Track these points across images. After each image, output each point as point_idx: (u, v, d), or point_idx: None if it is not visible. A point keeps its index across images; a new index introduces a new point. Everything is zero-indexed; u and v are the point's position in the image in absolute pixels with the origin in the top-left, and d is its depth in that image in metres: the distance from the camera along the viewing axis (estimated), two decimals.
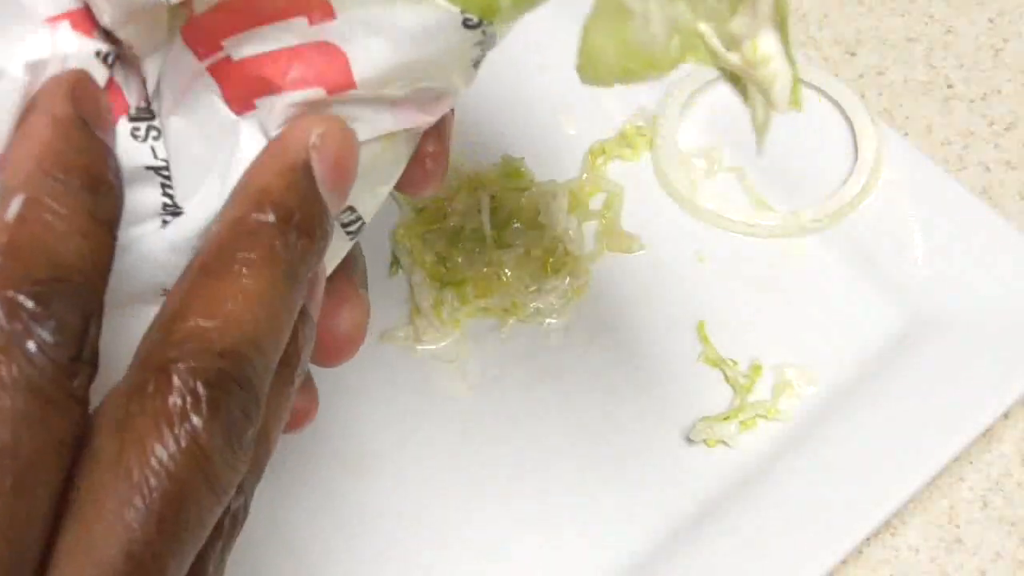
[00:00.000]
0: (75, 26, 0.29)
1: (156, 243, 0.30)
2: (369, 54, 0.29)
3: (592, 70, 0.32)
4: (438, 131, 0.34)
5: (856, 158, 0.54)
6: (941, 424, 0.47)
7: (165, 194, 0.30)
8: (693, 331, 0.51)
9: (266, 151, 0.30)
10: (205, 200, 0.30)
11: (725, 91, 0.57)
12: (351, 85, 0.29)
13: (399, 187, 0.34)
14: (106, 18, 0.29)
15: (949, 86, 0.57)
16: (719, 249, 0.53)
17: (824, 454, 0.47)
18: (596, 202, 0.54)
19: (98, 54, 0.29)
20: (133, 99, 0.30)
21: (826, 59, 0.58)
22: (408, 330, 0.51)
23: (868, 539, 0.46)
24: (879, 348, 0.50)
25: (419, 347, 0.51)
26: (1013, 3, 0.60)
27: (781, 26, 0.33)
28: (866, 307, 0.51)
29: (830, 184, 0.54)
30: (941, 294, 0.50)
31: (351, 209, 0.32)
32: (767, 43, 0.33)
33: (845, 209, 0.53)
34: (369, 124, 0.31)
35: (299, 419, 0.35)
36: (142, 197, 0.30)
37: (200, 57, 0.30)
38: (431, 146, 0.34)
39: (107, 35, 0.30)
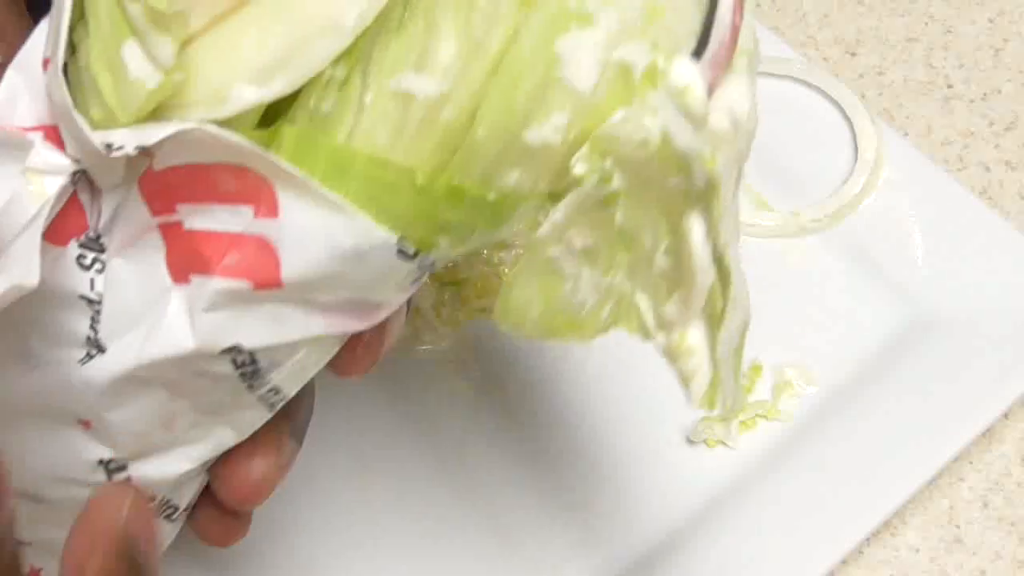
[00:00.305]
0: (47, 138, 0.29)
1: (74, 372, 0.31)
2: (302, 259, 0.29)
3: (512, 319, 0.32)
4: (383, 323, 0.33)
5: (856, 158, 0.54)
6: (941, 424, 0.47)
7: (92, 327, 0.30)
8: None
9: (81, 524, 0.31)
10: (125, 351, 0.30)
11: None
12: (277, 284, 0.29)
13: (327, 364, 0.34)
14: (68, 148, 0.29)
15: (949, 86, 0.57)
16: None
17: (824, 454, 0.47)
18: None
19: (65, 170, 0.29)
20: (92, 222, 0.30)
21: (826, 59, 0.58)
22: (408, 331, 0.51)
23: (868, 539, 0.46)
24: (879, 348, 0.50)
25: (419, 348, 0.51)
26: (1013, 3, 0.60)
27: (714, 324, 0.33)
28: (866, 307, 0.51)
29: (830, 184, 0.54)
30: (941, 294, 0.50)
31: (275, 390, 0.32)
32: (695, 337, 0.33)
33: (845, 209, 0.53)
34: (298, 325, 0.30)
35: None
36: (71, 323, 0.30)
37: (153, 212, 0.30)
38: (368, 333, 0.33)
39: None
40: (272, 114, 0.29)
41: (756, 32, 0.34)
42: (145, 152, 0.28)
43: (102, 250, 0.30)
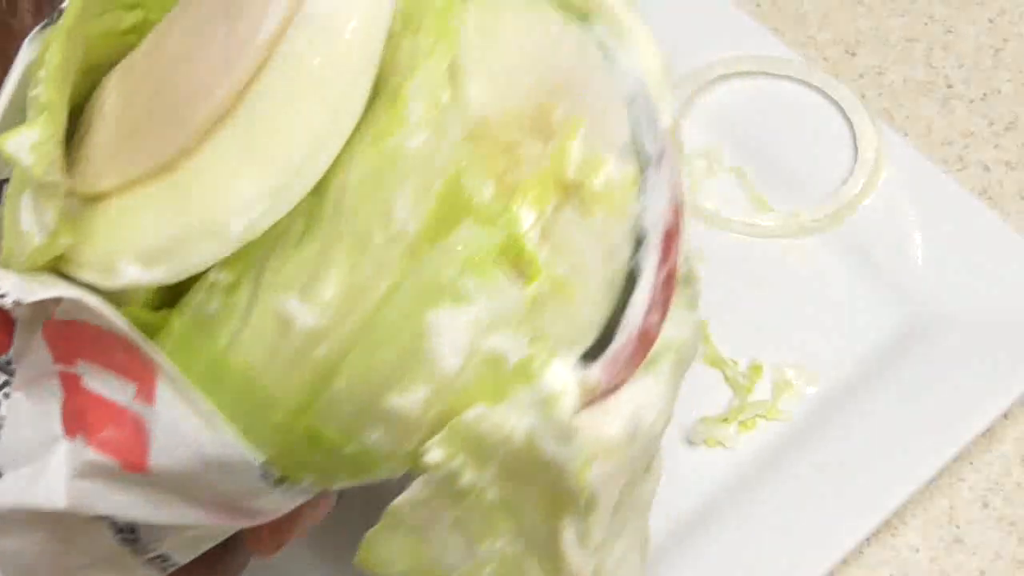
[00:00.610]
0: None
1: None
2: (170, 454, 0.28)
3: (375, 569, 0.31)
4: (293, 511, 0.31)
5: (856, 158, 0.54)
6: (941, 424, 0.47)
7: None
8: None
9: None
10: (12, 486, 0.30)
11: (725, 92, 0.58)
12: (143, 469, 0.29)
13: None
14: None
15: (949, 86, 0.57)
16: (719, 249, 0.53)
17: (824, 454, 0.47)
18: None
19: None
20: (10, 345, 0.30)
21: (826, 59, 0.58)
22: None
23: (868, 539, 0.46)
24: (879, 348, 0.50)
25: None
26: (1013, 3, 0.60)
27: None
28: (866, 307, 0.51)
29: (830, 184, 0.54)
30: (941, 294, 0.50)
31: (163, 557, 0.32)
32: None
33: (845, 209, 0.53)
34: (176, 512, 0.30)
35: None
36: None
37: (55, 359, 0.29)
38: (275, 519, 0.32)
39: None
40: (175, 293, 0.29)
41: (696, 329, 0.32)
42: (49, 301, 0.28)
43: (11, 375, 0.30)
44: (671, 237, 0.30)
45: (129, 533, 0.31)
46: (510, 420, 0.28)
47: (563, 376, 0.28)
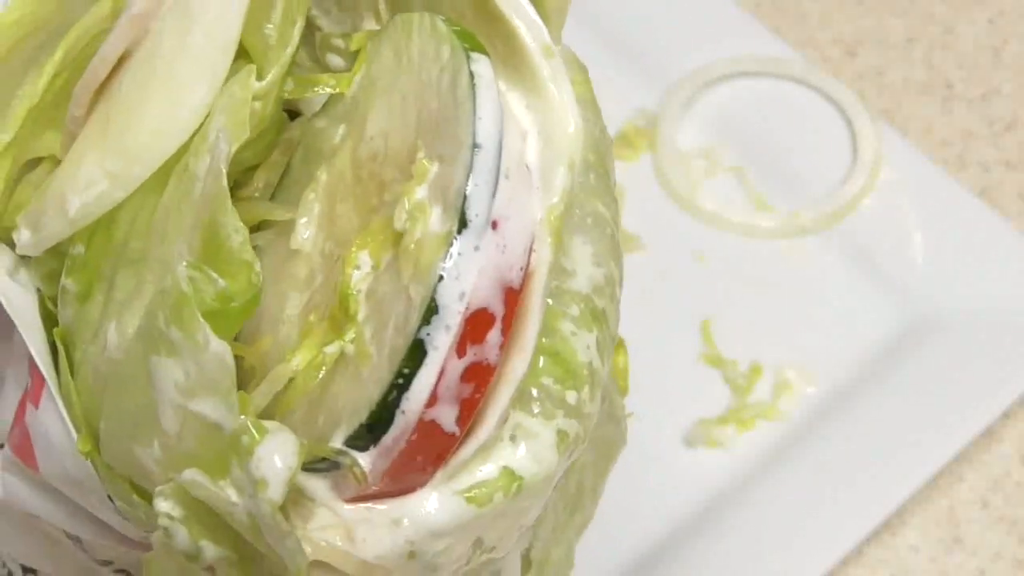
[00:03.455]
0: None
1: None
2: (47, 460, 0.28)
3: None
4: None
5: (856, 158, 0.54)
6: (941, 424, 0.47)
7: None
8: (693, 331, 0.51)
9: None
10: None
11: (725, 92, 0.58)
12: (37, 471, 0.28)
13: None
14: None
15: (949, 86, 0.57)
16: (719, 249, 0.53)
17: (824, 454, 0.47)
18: None
19: None
20: None
21: (826, 59, 0.58)
22: None
23: (868, 539, 0.46)
24: (879, 348, 0.50)
25: None
26: (1013, 3, 0.60)
27: None
28: (866, 307, 0.51)
29: (830, 184, 0.54)
30: (941, 294, 0.50)
31: (125, 572, 0.31)
32: None
33: (844, 209, 0.53)
34: (81, 525, 0.29)
35: None
36: None
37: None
38: None
39: None
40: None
41: (538, 457, 0.27)
42: None
43: None
44: (482, 326, 0.25)
45: (77, 540, 0.30)
46: (231, 496, 0.24)
47: (268, 462, 0.24)
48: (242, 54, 0.28)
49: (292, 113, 0.31)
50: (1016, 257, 0.50)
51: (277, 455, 0.24)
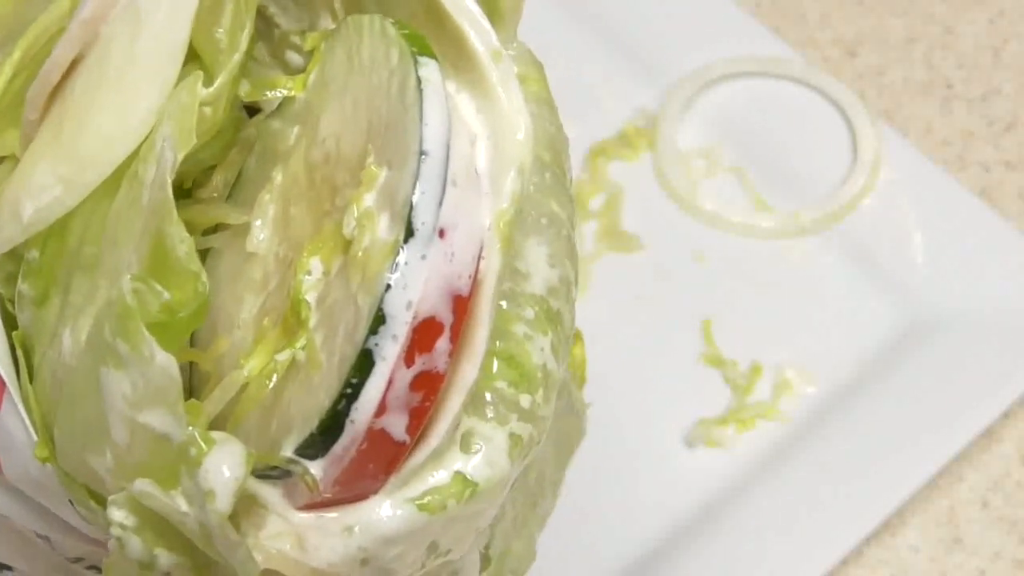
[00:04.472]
0: None
1: None
2: (10, 463, 0.28)
3: None
4: None
5: (856, 158, 0.54)
6: (941, 424, 0.47)
7: None
8: (693, 331, 0.51)
9: None
10: None
11: (725, 92, 0.58)
12: (2, 472, 0.28)
13: None
14: None
15: (949, 86, 0.57)
16: (719, 249, 0.53)
17: (824, 454, 0.47)
18: (596, 202, 0.54)
19: None
20: None
21: (826, 59, 0.58)
22: None
23: (868, 539, 0.46)
24: (879, 348, 0.50)
25: None
26: (1013, 3, 0.60)
27: None
28: (866, 307, 0.51)
29: (829, 184, 0.54)
30: (941, 294, 0.50)
31: (96, 568, 0.31)
32: None
33: (844, 209, 0.53)
34: (48, 525, 0.29)
35: None
36: None
37: None
38: None
39: None
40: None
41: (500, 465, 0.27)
42: None
43: None
44: (430, 334, 0.25)
45: (44, 539, 0.30)
46: (181, 506, 0.25)
47: (216, 473, 0.24)
48: (194, 57, 0.28)
49: (251, 110, 0.31)
50: (1016, 257, 0.50)
51: (225, 466, 0.24)
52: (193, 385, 0.29)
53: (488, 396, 0.27)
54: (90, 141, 0.27)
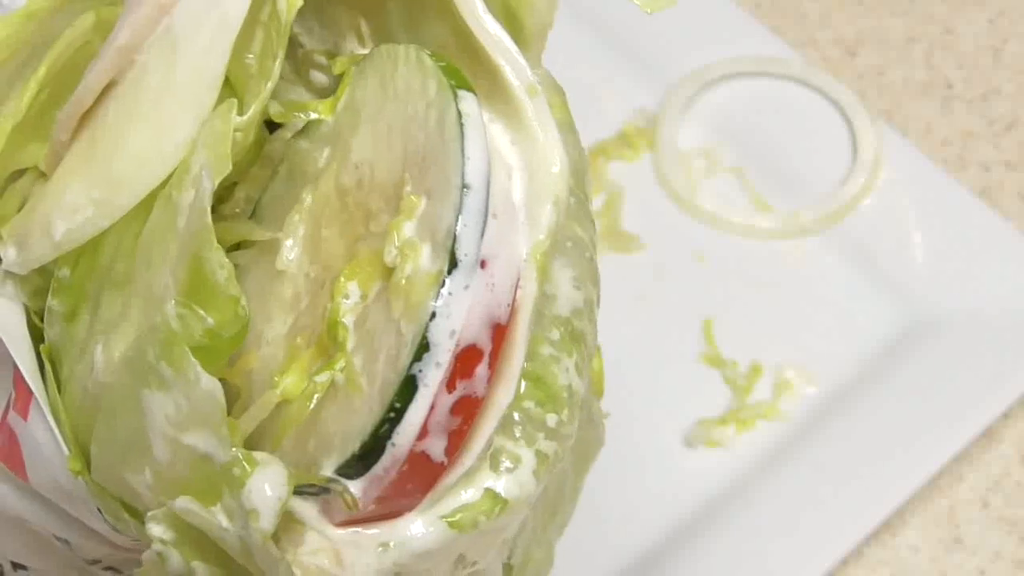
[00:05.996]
0: None
1: None
2: (37, 472, 0.28)
3: None
4: None
5: (856, 158, 0.54)
6: (941, 424, 0.47)
7: None
8: (693, 331, 0.51)
9: None
10: None
11: (725, 92, 0.58)
12: (25, 479, 0.29)
13: None
14: None
15: (949, 86, 0.58)
16: (719, 249, 0.53)
17: (824, 454, 0.47)
18: (596, 202, 0.54)
19: None
20: None
21: (826, 59, 0.58)
22: None
23: (868, 539, 0.46)
24: (879, 348, 0.50)
25: None
26: (1013, 3, 0.60)
27: None
28: (866, 307, 0.51)
29: (830, 184, 0.54)
30: (941, 294, 0.50)
31: (114, 569, 0.31)
32: None
33: (844, 209, 0.53)
34: (71, 531, 0.29)
35: None
36: None
37: None
38: None
39: None
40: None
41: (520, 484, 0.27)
42: None
43: None
44: (471, 361, 0.26)
45: (63, 542, 0.30)
46: (222, 522, 0.25)
47: (261, 493, 0.25)
48: (223, 83, 0.28)
49: (271, 124, 0.31)
50: (1016, 257, 0.50)
51: (268, 485, 0.25)
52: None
53: (516, 416, 0.27)
54: (124, 165, 0.27)
